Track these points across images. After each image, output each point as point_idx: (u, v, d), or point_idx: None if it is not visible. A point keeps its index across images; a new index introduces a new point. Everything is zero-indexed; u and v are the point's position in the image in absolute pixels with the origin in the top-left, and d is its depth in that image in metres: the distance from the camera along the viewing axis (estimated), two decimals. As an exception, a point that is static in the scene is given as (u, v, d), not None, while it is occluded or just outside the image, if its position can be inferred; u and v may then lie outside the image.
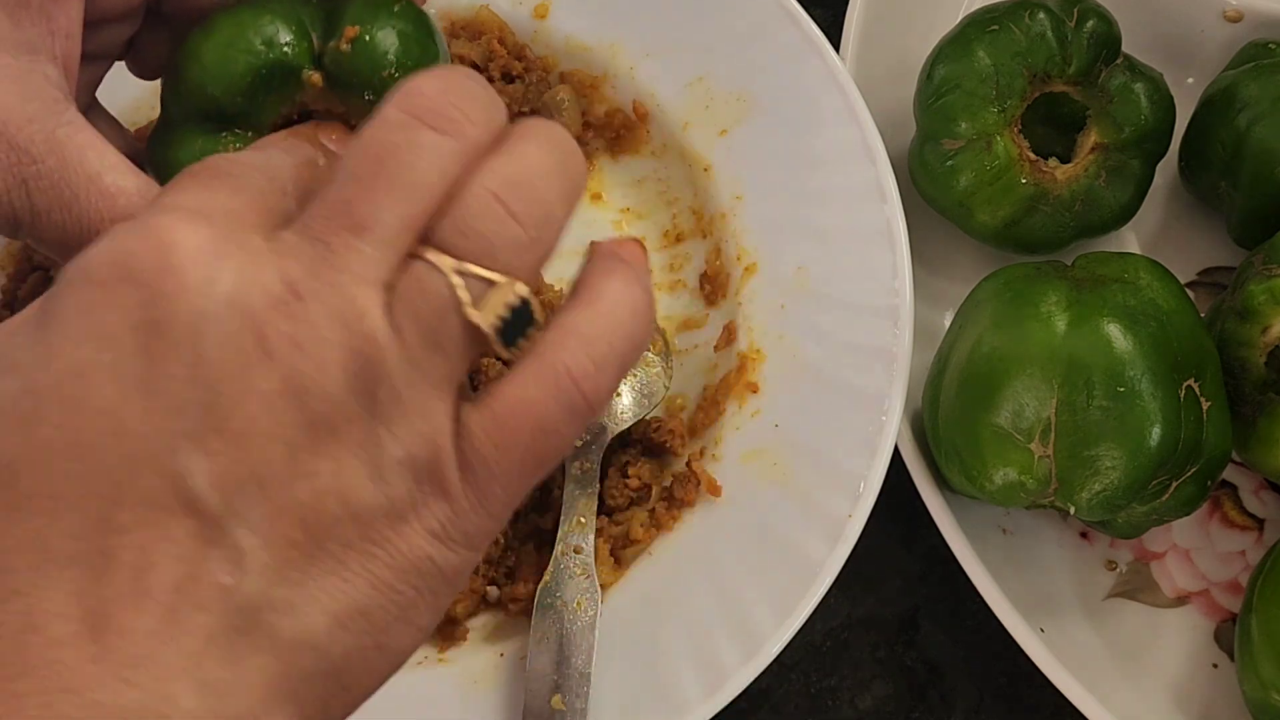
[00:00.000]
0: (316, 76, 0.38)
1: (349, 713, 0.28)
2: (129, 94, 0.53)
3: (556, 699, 0.44)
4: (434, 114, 0.27)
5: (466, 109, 0.28)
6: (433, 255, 0.27)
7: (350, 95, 0.38)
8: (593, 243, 0.31)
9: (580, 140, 0.56)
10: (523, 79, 0.55)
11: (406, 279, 0.27)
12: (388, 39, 0.38)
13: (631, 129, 0.56)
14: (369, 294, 0.26)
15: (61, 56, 0.35)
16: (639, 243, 0.31)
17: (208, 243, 0.25)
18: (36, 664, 0.24)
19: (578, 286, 0.29)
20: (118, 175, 0.34)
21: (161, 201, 0.26)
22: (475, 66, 0.55)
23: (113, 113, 0.42)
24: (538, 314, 0.28)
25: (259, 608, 0.25)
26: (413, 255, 0.27)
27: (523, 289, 0.28)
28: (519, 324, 0.28)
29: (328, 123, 0.38)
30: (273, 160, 0.29)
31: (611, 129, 0.56)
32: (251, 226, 0.26)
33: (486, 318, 0.27)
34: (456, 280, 0.27)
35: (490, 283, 0.27)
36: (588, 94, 0.56)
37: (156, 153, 0.38)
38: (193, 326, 0.25)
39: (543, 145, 0.29)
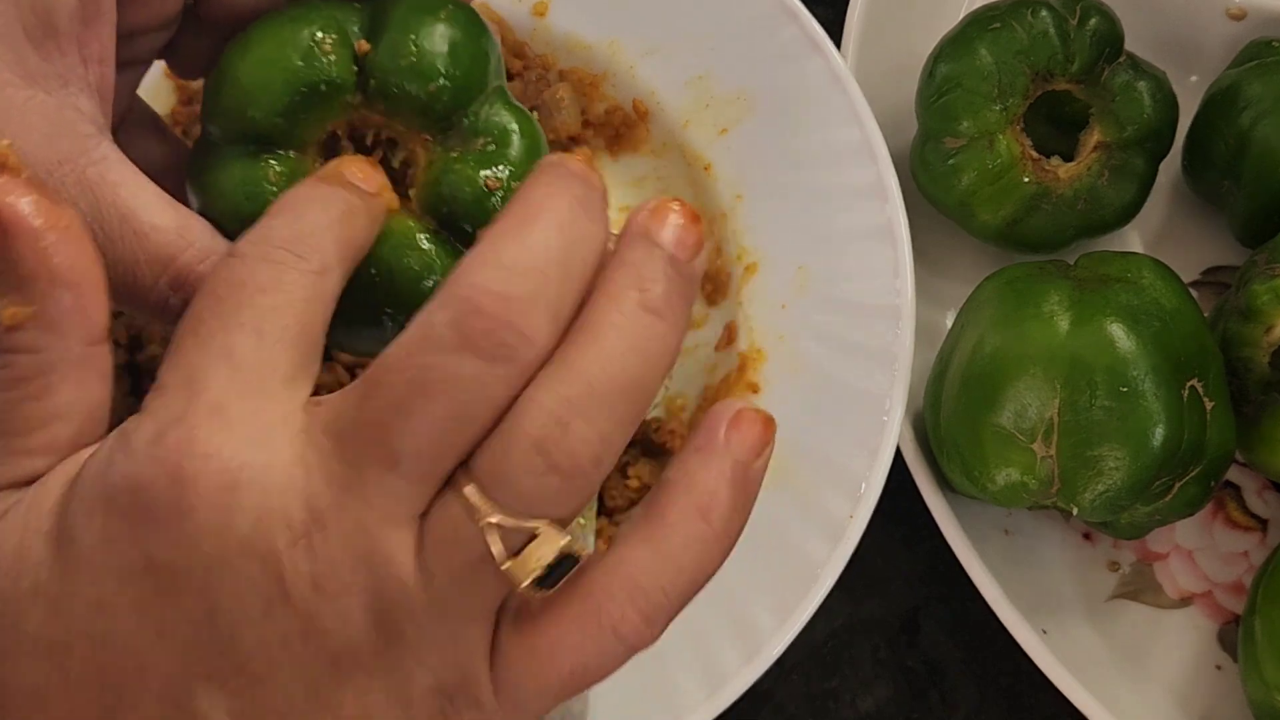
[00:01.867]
0: (358, 98, 0.35)
1: None
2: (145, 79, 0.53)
3: None
4: (489, 337, 0.25)
5: (529, 324, 0.25)
6: (470, 495, 0.25)
7: (396, 109, 0.35)
8: (698, 447, 0.27)
9: (579, 139, 0.56)
10: (521, 77, 0.55)
11: (440, 517, 0.26)
12: (435, 47, 0.35)
13: (631, 127, 0.56)
14: (397, 537, 0.25)
15: (95, 83, 0.33)
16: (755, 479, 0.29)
17: (225, 468, 0.25)
18: None
19: (655, 510, 0.27)
20: (153, 214, 0.32)
21: (179, 384, 0.26)
22: None
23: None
24: (582, 553, 0.26)
25: None
26: (450, 486, 0.26)
27: (563, 542, 0.26)
28: (558, 574, 0.26)
29: (353, 158, 0.35)
30: (305, 226, 0.28)
31: (611, 127, 0.56)
32: (280, 403, 0.26)
33: (522, 573, 0.26)
34: (492, 536, 0.25)
35: (529, 532, 0.25)
36: (587, 92, 0.56)
37: (197, 175, 0.36)
38: (208, 572, 0.25)
39: (618, 344, 0.26)
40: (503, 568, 0.25)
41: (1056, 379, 0.45)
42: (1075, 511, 0.46)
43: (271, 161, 0.35)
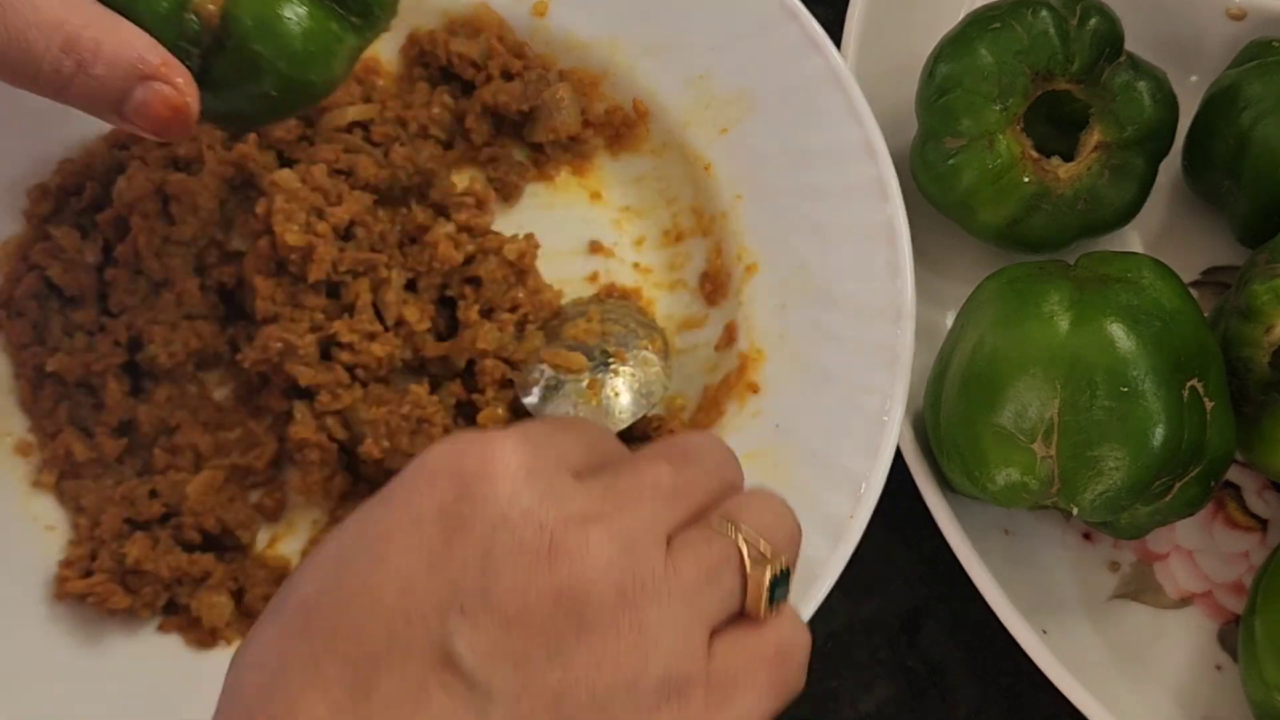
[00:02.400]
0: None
1: None
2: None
3: None
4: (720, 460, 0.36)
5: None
6: (721, 523, 0.33)
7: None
8: None
9: (579, 139, 0.56)
10: (521, 77, 0.55)
11: (690, 533, 0.32)
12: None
13: (631, 127, 0.56)
14: (653, 536, 0.31)
15: None
16: None
17: (526, 467, 0.31)
18: None
19: None
20: None
21: (512, 428, 0.32)
22: (473, 64, 0.55)
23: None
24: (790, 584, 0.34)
25: None
26: (694, 522, 0.33)
27: (786, 563, 0.33)
28: (781, 589, 0.33)
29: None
30: (585, 438, 0.35)
31: (611, 127, 0.56)
32: (568, 469, 0.32)
33: (760, 579, 0.33)
34: (742, 544, 0.33)
35: (763, 556, 0.33)
36: (587, 92, 0.56)
37: None
38: (491, 525, 0.30)
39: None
40: (749, 565, 0.32)
41: (1057, 379, 0.45)
42: (1075, 511, 0.46)
43: None
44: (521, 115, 0.55)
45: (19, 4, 0.35)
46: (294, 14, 0.39)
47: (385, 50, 0.56)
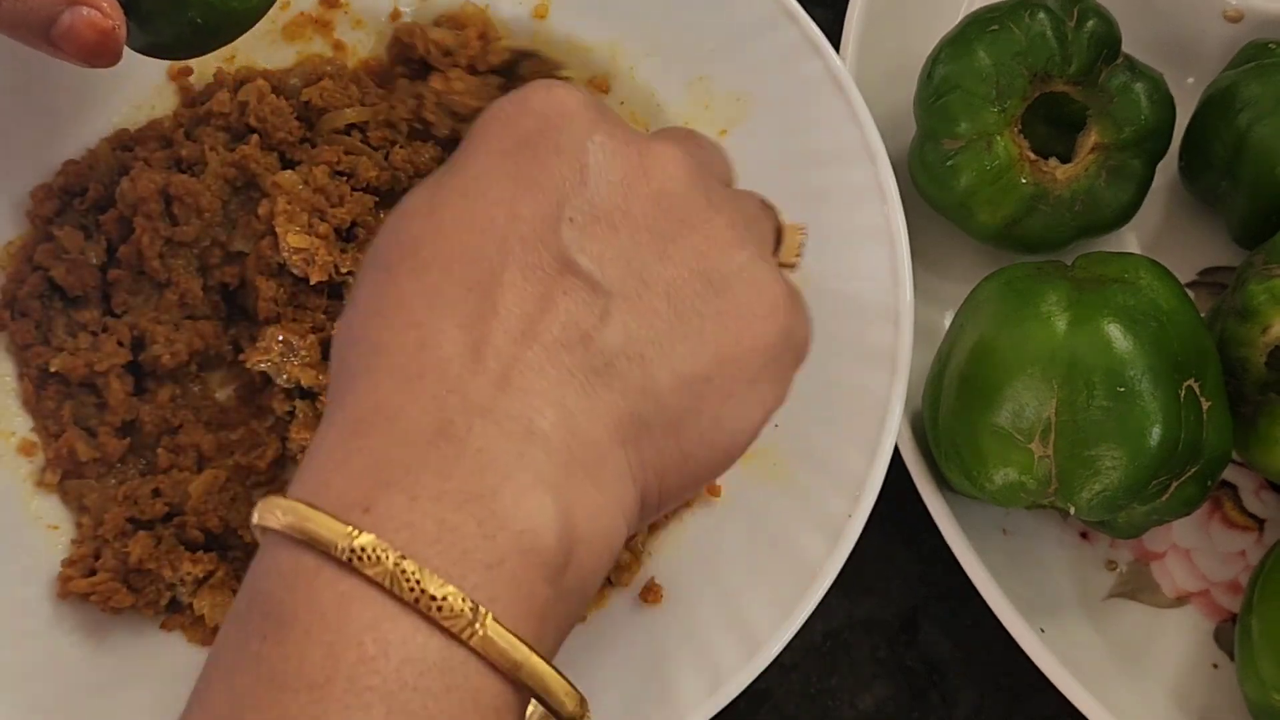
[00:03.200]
0: None
1: (684, 494, 0.33)
2: (135, 93, 0.53)
3: None
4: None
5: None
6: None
7: None
8: None
9: None
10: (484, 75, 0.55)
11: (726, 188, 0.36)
12: None
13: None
14: (710, 170, 0.35)
15: None
16: None
17: (592, 104, 0.33)
18: (429, 368, 0.29)
19: None
20: None
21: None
22: (446, 52, 0.54)
23: (116, 113, 0.42)
24: None
25: (615, 355, 0.30)
26: None
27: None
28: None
29: None
30: None
31: None
32: None
33: (798, 235, 0.39)
34: (774, 205, 0.38)
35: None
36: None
37: None
38: (580, 142, 0.32)
39: None
40: (783, 224, 0.38)
41: (1054, 379, 0.45)
42: (1073, 511, 0.46)
43: None
44: (473, 112, 0.54)
45: None
46: None
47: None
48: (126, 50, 0.40)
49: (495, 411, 0.28)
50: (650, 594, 0.47)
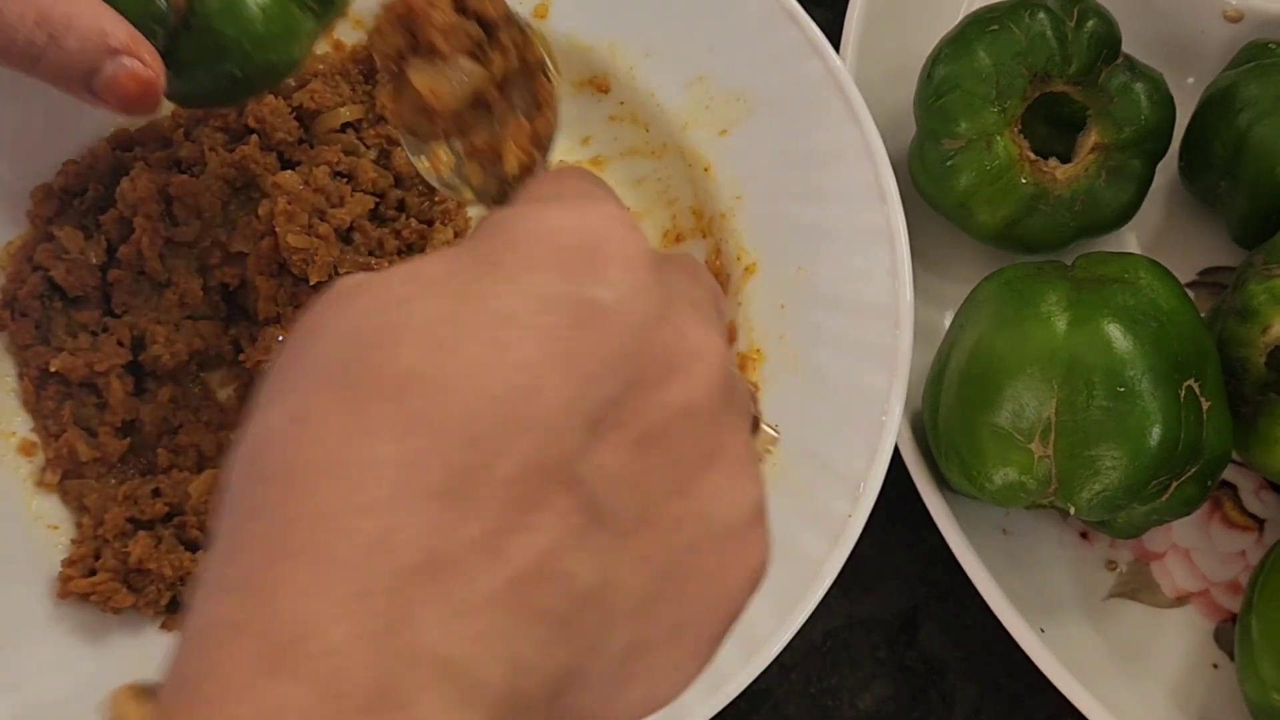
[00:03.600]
0: None
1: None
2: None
3: None
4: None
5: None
6: None
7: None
8: None
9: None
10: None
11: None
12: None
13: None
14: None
15: None
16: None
17: (647, 250, 0.26)
18: (378, 586, 0.22)
19: None
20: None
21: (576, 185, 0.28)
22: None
23: (117, 119, 0.42)
24: None
25: (585, 602, 0.24)
26: None
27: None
28: None
29: None
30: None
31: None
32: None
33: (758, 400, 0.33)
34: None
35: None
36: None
37: None
38: (636, 322, 0.25)
39: None
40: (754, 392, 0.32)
41: (1054, 379, 0.45)
42: (1073, 511, 0.46)
43: None
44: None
45: None
46: None
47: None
48: None
49: (452, 663, 0.22)
50: None
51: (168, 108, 0.54)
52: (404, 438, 0.23)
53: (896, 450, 0.49)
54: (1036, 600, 0.51)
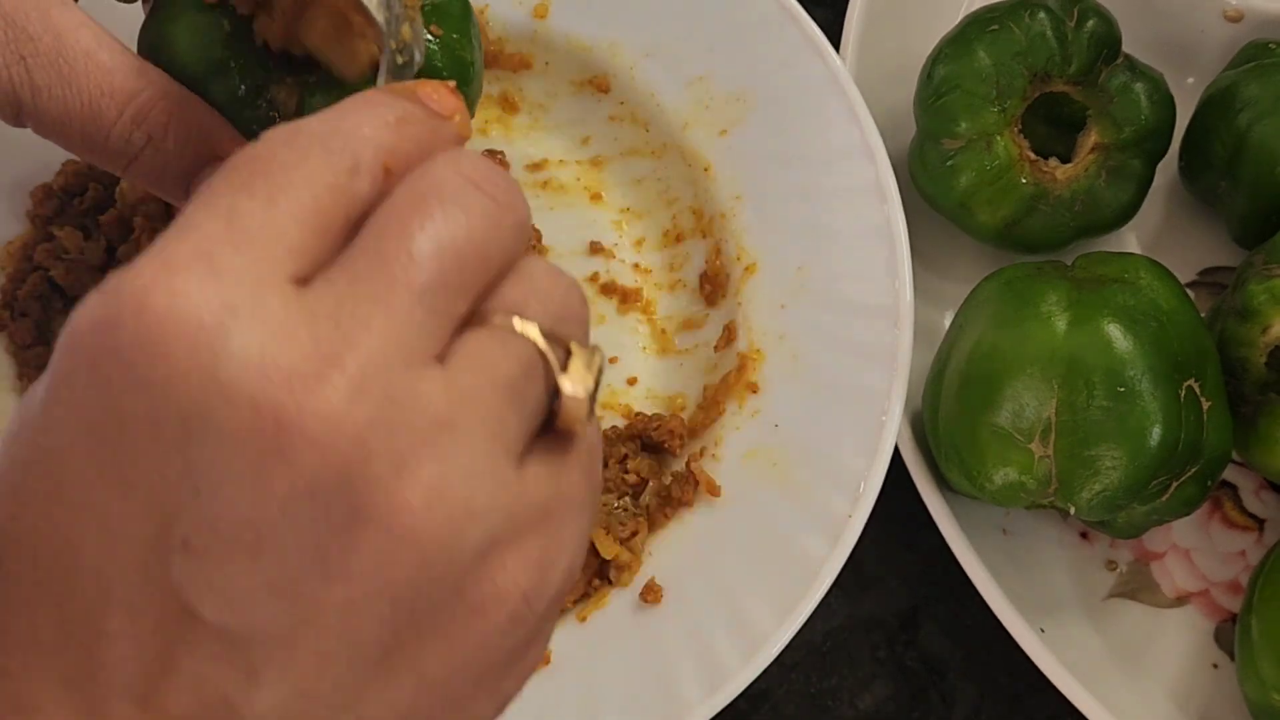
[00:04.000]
0: None
1: None
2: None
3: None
4: (491, 184, 0.25)
5: (515, 196, 0.26)
6: (504, 320, 0.24)
7: None
8: None
9: None
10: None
11: (472, 340, 0.24)
12: None
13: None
14: (419, 359, 0.23)
15: None
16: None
17: (207, 307, 0.21)
18: None
19: None
20: (114, 53, 0.35)
21: (172, 234, 0.23)
22: None
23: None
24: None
25: None
26: (474, 323, 0.24)
27: (599, 360, 0.26)
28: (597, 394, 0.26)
29: (433, 82, 0.31)
30: (345, 125, 0.25)
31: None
32: (287, 270, 0.23)
33: (581, 384, 0.25)
34: (543, 344, 0.24)
35: (569, 352, 0.25)
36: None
37: (147, 34, 0.37)
38: (185, 420, 0.21)
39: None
40: (559, 378, 0.25)
41: (1054, 379, 0.45)
42: (1073, 511, 0.47)
43: (221, 14, 0.36)
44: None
45: (93, 70, 0.34)
46: None
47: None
48: None
49: None
50: (650, 594, 0.47)
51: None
52: (12, 600, 0.22)
53: (896, 450, 0.49)
54: (1036, 600, 0.51)
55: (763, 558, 0.46)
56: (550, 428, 0.25)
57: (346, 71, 0.36)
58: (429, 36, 0.37)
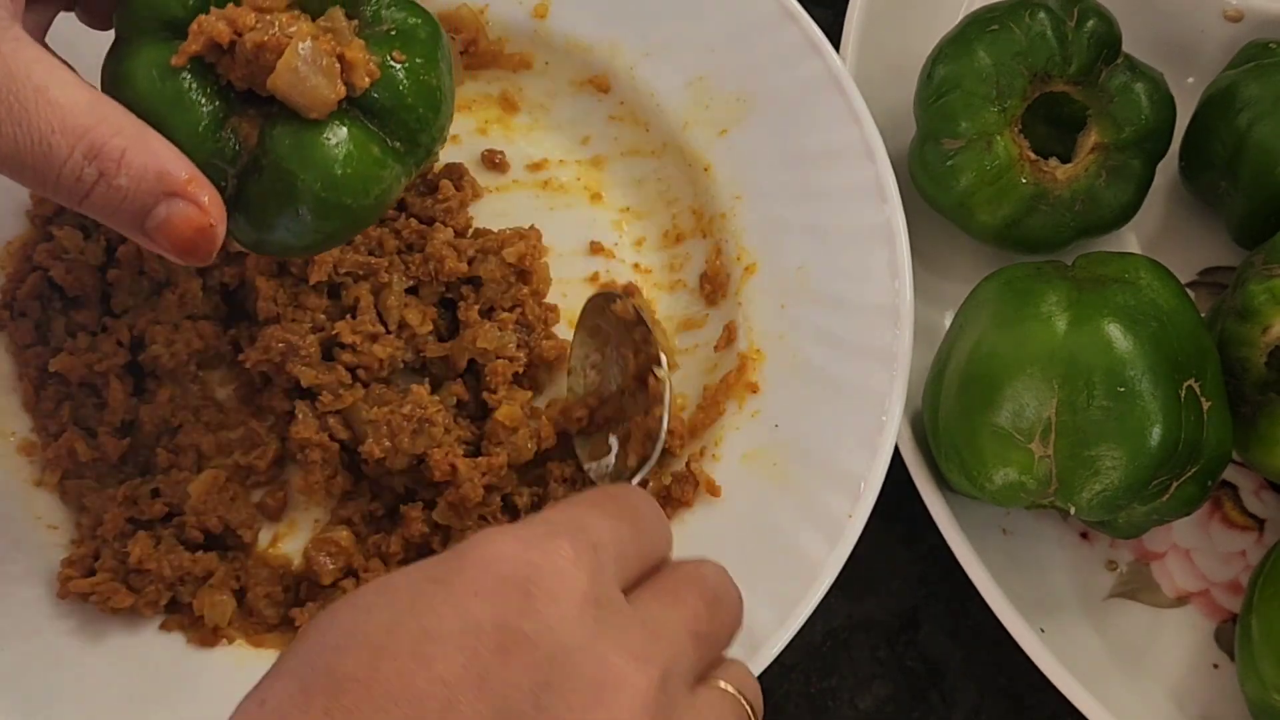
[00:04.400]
0: None
1: None
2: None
3: None
4: (735, 599, 0.36)
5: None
6: (725, 682, 0.33)
7: None
8: None
9: None
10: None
11: (708, 690, 0.33)
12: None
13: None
14: (686, 683, 0.32)
15: None
16: None
17: (589, 585, 0.30)
18: None
19: None
20: (66, 89, 0.34)
21: (567, 520, 0.31)
22: None
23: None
24: None
25: None
26: (710, 680, 0.33)
27: None
28: None
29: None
30: (658, 529, 0.35)
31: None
32: (620, 580, 0.31)
33: None
34: (747, 708, 0.34)
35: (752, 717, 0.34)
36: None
37: (108, 68, 0.37)
38: (552, 652, 0.28)
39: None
40: None
41: (1054, 379, 0.45)
42: (1073, 511, 0.46)
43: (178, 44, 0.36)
44: None
45: (43, 107, 0.33)
46: (334, 135, 0.37)
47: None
48: None
49: None
50: None
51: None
52: None
53: (896, 450, 0.49)
54: (1036, 600, 0.51)
55: (763, 558, 0.46)
56: None
57: (310, 110, 0.37)
58: (393, 64, 0.38)
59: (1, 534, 0.48)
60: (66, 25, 0.40)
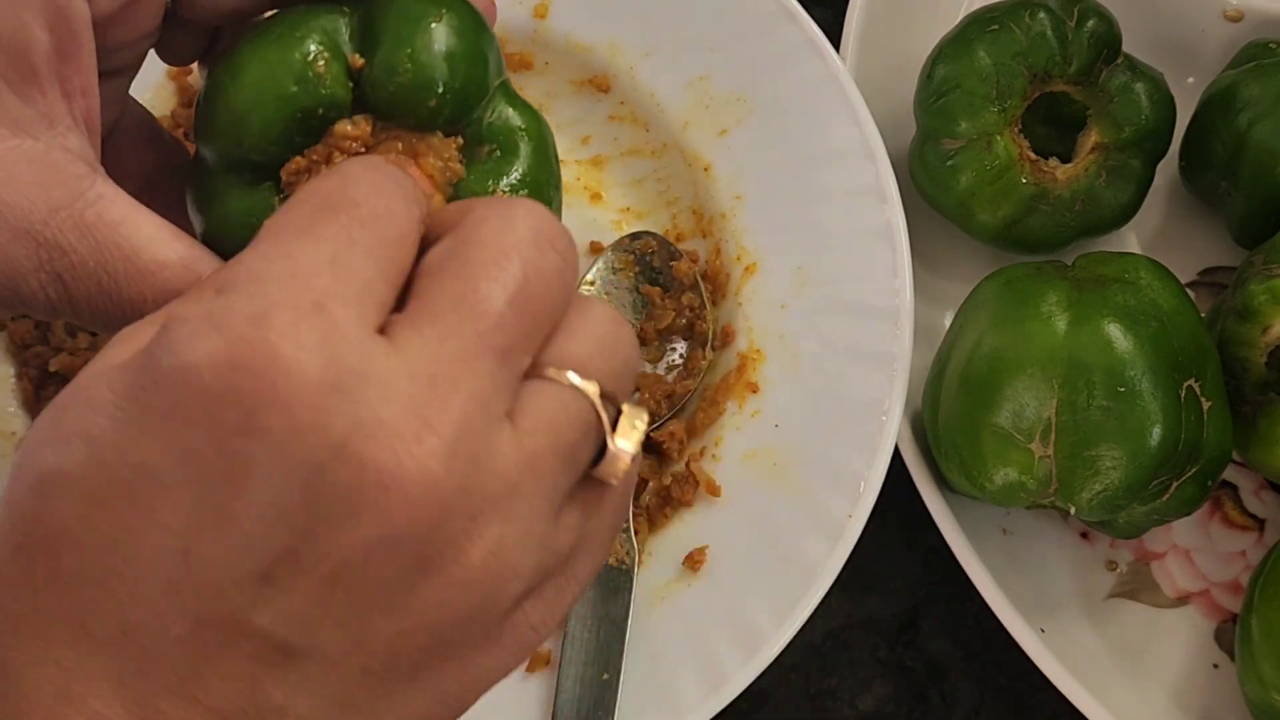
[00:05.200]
0: (353, 129, 0.34)
1: None
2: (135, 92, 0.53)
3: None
4: (562, 241, 0.27)
5: (574, 249, 0.28)
6: (565, 377, 0.26)
7: (390, 125, 0.34)
8: None
9: None
10: None
11: (535, 396, 0.26)
12: (432, 58, 0.34)
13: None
14: (496, 417, 0.25)
15: (81, 116, 0.32)
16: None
17: (328, 364, 0.24)
18: None
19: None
20: (156, 250, 0.31)
21: (277, 267, 0.25)
22: None
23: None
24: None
25: None
26: (534, 374, 0.26)
27: (646, 416, 0.28)
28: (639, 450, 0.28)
29: (388, 153, 0.33)
30: (395, 208, 0.27)
31: None
32: (372, 316, 0.25)
33: (629, 445, 0.27)
34: (597, 401, 0.27)
35: (619, 410, 0.27)
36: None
37: (197, 197, 0.35)
38: (289, 467, 0.23)
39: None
40: (609, 436, 0.27)
41: (1054, 379, 0.45)
42: (1073, 511, 0.46)
43: (270, 192, 0.34)
44: None
45: (134, 277, 0.31)
46: None
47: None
48: None
49: None
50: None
51: (168, 107, 0.54)
52: (66, 593, 0.24)
53: (896, 450, 0.49)
54: (1037, 600, 0.51)
55: (763, 557, 0.46)
56: (589, 474, 0.28)
57: None
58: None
59: (1, 534, 0.48)
60: None
